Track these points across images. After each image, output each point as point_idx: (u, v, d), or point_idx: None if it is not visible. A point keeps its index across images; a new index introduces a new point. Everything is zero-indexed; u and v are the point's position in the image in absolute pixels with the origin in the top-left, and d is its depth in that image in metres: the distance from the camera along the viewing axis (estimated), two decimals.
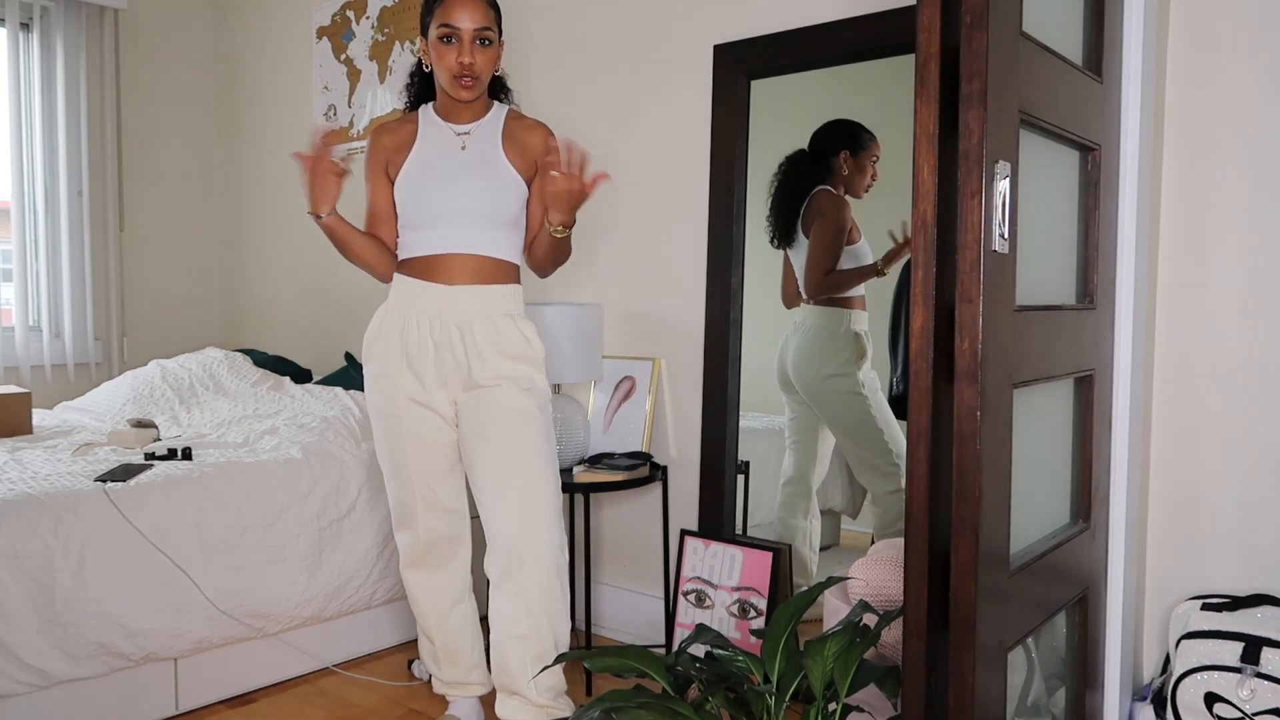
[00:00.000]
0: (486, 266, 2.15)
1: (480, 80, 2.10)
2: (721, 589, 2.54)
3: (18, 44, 3.83)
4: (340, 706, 2.49)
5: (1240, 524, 1.97)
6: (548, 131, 2.20)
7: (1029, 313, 1.52)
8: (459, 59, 2.07)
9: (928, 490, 1.44)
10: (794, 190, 2.55)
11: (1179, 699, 1.79)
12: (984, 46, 1.35)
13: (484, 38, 2.08)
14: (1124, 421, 1.85)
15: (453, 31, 2.06)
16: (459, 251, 2.13)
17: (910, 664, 1.47)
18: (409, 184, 2.14)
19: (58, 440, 2.88)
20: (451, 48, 2.07)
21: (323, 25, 3.88)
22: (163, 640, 2.31)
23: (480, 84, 2.11)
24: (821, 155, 2.50)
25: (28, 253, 3.85)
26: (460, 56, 2.06)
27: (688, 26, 2.75)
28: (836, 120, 2.49)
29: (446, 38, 2.06)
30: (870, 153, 2.45)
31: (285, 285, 4.15)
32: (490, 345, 2.12)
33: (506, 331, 2.14)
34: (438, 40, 2.07)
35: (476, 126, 2.18)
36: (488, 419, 2.11)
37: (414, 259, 2.17)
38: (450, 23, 2.05)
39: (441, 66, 2.09)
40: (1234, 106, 1.95)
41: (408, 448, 2.18)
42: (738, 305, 2.66)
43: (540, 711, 2.10)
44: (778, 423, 2.67)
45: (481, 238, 2.14)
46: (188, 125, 4.36)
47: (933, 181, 1.40)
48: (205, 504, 2.41)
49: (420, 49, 2.17)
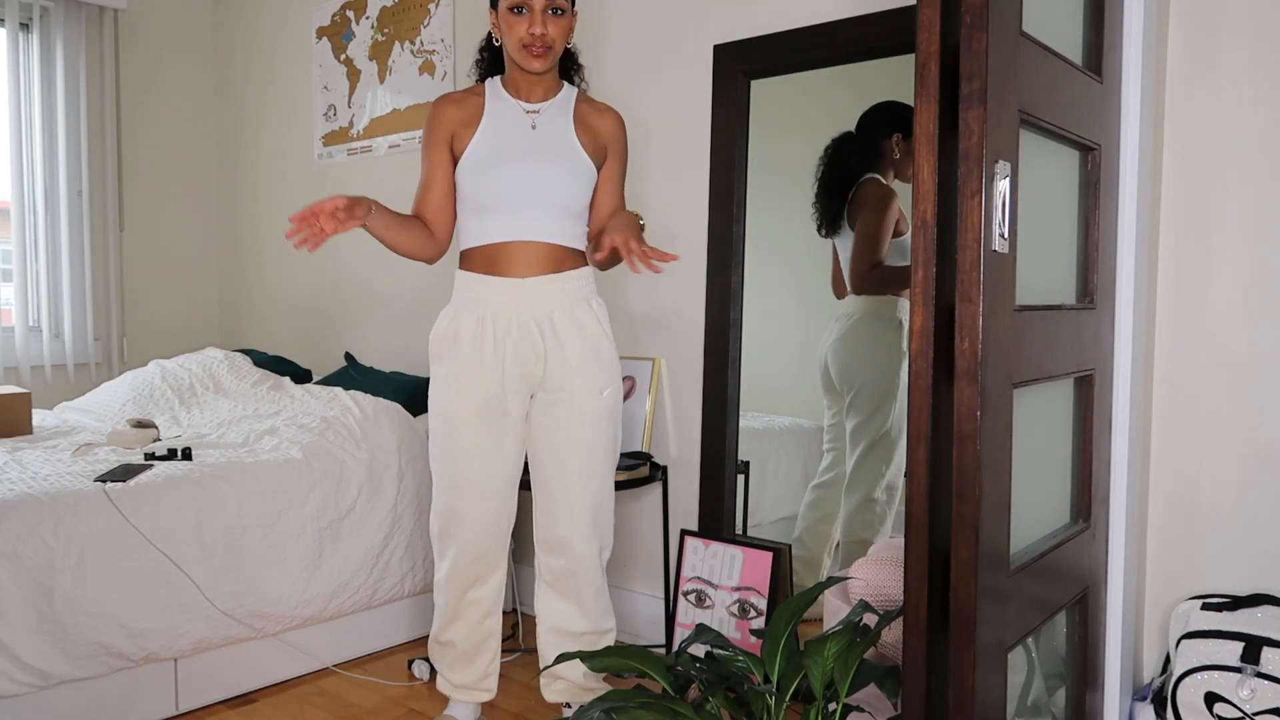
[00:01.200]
0: (558, 254, 2.09)
1: (554, 50, 2.04)
2: (721, 589, 2.54)
3: (17, 44, 3.83)
4: (340, 706, 2.49)
5: (1240, 524, 1.97)
6: (619, 117, 2.17)
7: (1029, 312, 1.52)
8: (530, 29, 2.01)
9: (928, 490, 1.44)
10: (841, 177, 2.42)
11: (1179, 699, 1.79)
12: (984, 46, 1.35)
13: (556, 7, 2.02)
14: (1124, 421, 1.85)
15: (523, 2, 2.00)
16: (529, 239, 2.06)
17: (910, 664, 1.47)
18: (477, 164, 2.06)
19: (58, 440, 2.88)
20: (523, 18, 2.01)
21: (322, 25, 3.88)
22: (163, 640, 2.31)
23: (553, 54, 2.05)
24: (870, 139, 2.39)
25: (28, 253, 3.85)
26: (532, 27, 2.01)
27: (688, 26, 2.75)
28: (887, 101, 2.38)
29: (518, 8, 2.01)
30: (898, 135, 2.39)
31: (285, 285, 4.15)
32: (571, 338, 2.08)
33: (587, 322, 2.10)
34: (508, 11, 2.01)
35: (547, 106, 2.11)
36: (562, 426, 2.10)
37: (480, 248, 2.08)
38: None
39: (512, 37, 2.03)
40: (1234, 106, 1.95)
41: (474, 458, 2.10)
42: (738, 305, 2.66)
43: (588, 693, 2.24)
44: (778, 423, 2.67)
45: (553, 225, 2.07)
46: (187, 125, 4.36)
47: (933, 181, 1.40)
48: (205, 504, 2.41)
49: (491, 22, 2.10)
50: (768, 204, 2.63)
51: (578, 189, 2.09)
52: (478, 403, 2.09)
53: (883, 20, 2.34)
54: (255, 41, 4.22)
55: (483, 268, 2.08)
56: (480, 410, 2.09)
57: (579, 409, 2.10)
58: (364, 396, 3.06)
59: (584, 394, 2.10)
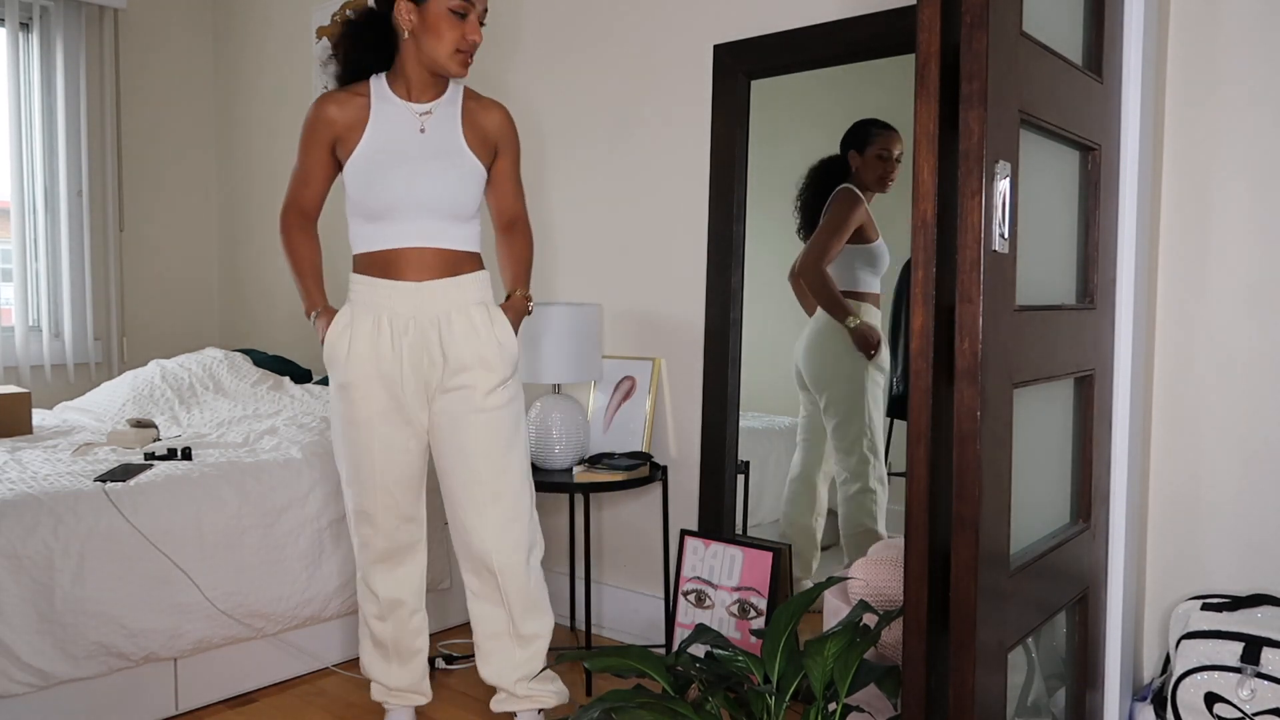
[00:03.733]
0: (453, 259, 2.09)
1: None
2: (721, 589, 2.54)
3: (17, 44, 3.83)
4: (340, 706, 2.49)
5: (1240, 524, 1.97)
6: (505, 111, 2.17)
7: (1029, 313, 1.52)
8: (468, 35, 2.00)
9: (928, 490, 1.44)
10: (820, 188, 2.56)
11: (1179, 699, 1.79)
12: (984, 46, 1.35)
13: (484, 15, 2.05)
14: (1124, 421, 1.85)
15: (469, 7, 2.00)
16: (423, 245, 2.06)
17: (910, 664, 1.47)
18: (365, 172, 2.03)
19: (58, 440, 2.88)
20: (461, 23, 2.00)
21: (322, 25, 3.88)
22: (163, 640, 2.31)
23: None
24: (842, 155, 2.52)
25: (28, 253, 3.85)
26: (470, 34, 2.00)
27: (688, 26, 2.75)
28: (856, 121, 2.50)
29: (462, 12, 2.00)
30: (879, 146, 2.45)
31: (285, 285, 4.15)
32: (466, 339, 2.07)
33: (480, 323, 2.09)
34: (448, 13, 1.99)
35: (437, 106, 2.09)
36: (459, 429, 2.09)
37: (373, 254, 2.08)
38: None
39: (444, 40, 2.00)
40: (1234, 106, 1.95)
41: (376, 457, 2.12)
42: (738, 305, 2.66)
43: (527, 701, 2.23)
44: (778, 423, 2.67)
45: (445, 231, 2.07)
46: (187, 125, 4.36)
47: (933, 181, 1.40)
48: (205, 504, 2.41)
49: (403, 17, 2.01)
50: (768, 204, 2.63)
51: (468, 195, 2.08)
52: (377, 410, 2.09)
53: (883, 20, 2.34)
54: (255, 42, 4.22)
55: (378, 272, 2.08)
56: (380, 416, 2.10)
57: (477, 405, 2.08)
58: None
59: (477, 399, 2.08)
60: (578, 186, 3.02)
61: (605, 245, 2.97)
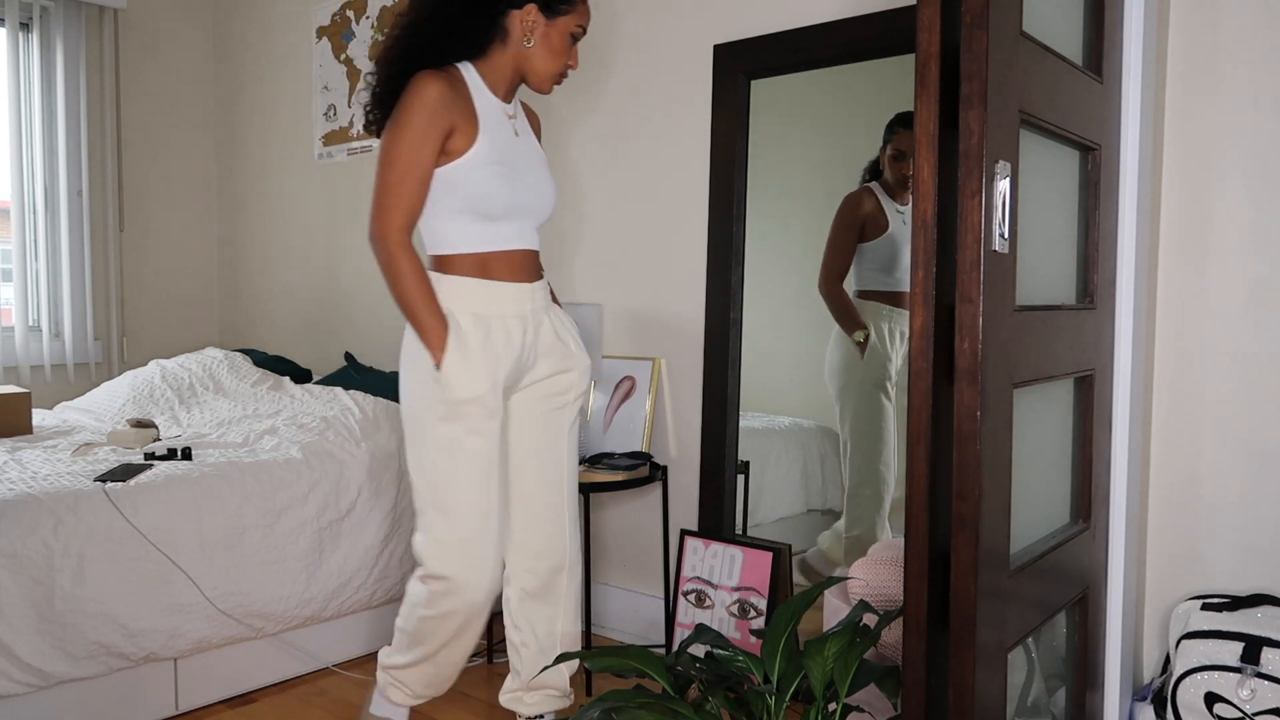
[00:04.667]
0: (538, 261, 2.08)
1: None
2: (721, 589, 2.54)
3: (17, 44, 3.83)
4: (340, 706, 2.49)
5: (1240, 524, 1.97)
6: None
7: (1029, 313, 1.52)
8: (571, 62, 2.02)
9: (928, 490, 1.44)
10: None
11: (1179, 699, 1.79)
12: (984, 46, 1.35)
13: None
14: (1124, 421, 1.85)
15: (582, 35, 2.02)
16: (525, 248, 2.03)
17: (910, 664, 1.47)
18: (488, 168, 1.92)
19: (58, 440, 2.88)
20: (572, 48, 2.01)
21: (322, 25, 3.88)
22: (163, 640, 2.31)
23: None
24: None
25: (28, 253, 3.85)
26: (574, 61, 2.03)
27: (688, 26, 2.75)
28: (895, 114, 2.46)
29: (577, 38, 2.01)
30: (895, 144, 2.44)
31: (285, 285, 4.15)
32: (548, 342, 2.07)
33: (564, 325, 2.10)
34: (568, 35, 1.99)
35: (514, 109, 2.07)
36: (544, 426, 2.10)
37: (485, 254, 1.96)
38: (585, 25, 2.01)
39: (555, 61, 1.98)
40: (1234, 106, 1.95)
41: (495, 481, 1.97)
42: (738, 305, 2.66)
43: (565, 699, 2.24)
44: (778, 423, 2.67)
45: (535, 233, 2.06)
46: (187, 125, 4.36)
47: (933, 181, 1.40)
48: (205, 504, 2.41)
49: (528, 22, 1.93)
50: (768, 204, 2.63)
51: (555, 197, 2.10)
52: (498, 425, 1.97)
53: (883, 20, 2.34)
54: (255, 41, 4.22)
55: (480, 272, 1.96)
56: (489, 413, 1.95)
57: (563, 404, 2.11)
58: (364, 396, 3.06)
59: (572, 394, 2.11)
60: (578, 186, 3.03)
61: (605, 245, 2.97)
